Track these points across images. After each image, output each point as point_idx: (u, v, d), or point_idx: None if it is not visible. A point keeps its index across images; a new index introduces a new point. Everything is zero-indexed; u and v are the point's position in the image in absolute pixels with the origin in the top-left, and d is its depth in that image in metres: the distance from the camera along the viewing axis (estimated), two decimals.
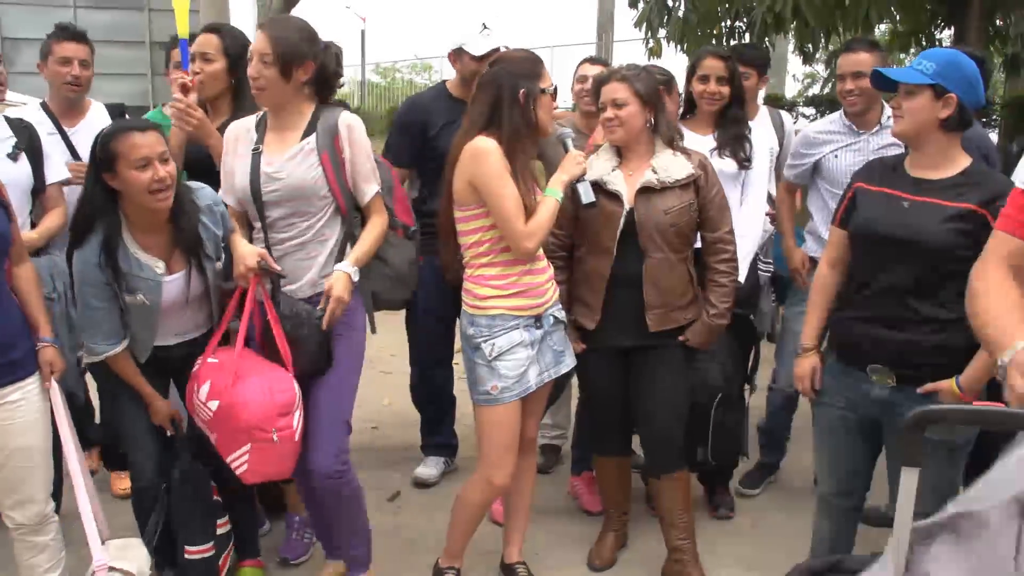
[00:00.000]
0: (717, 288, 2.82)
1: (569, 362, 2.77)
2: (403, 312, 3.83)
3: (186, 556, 2.71)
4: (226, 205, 2.64)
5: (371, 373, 5.38)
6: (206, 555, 2.72)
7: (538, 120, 2.56)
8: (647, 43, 7.42)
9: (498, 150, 2.48)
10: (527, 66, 2.57)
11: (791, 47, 9.31)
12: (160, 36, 12.34)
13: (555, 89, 2.63)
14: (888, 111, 3.37)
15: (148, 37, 12.68)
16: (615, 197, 2.73)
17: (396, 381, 5.07)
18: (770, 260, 3.61)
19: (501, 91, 2.52)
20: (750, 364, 3.34)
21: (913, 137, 2.31)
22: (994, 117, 9.01)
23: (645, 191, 2.74)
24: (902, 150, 3.26)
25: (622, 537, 3.17)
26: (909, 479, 1.18)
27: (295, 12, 12.32)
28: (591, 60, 3.81)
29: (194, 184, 2.63)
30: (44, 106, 3.40)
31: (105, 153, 2.36)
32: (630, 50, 12.55)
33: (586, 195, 2.60)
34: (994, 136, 8.74)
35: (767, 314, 3.60)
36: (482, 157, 2.48)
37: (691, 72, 3.33)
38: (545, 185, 2.67)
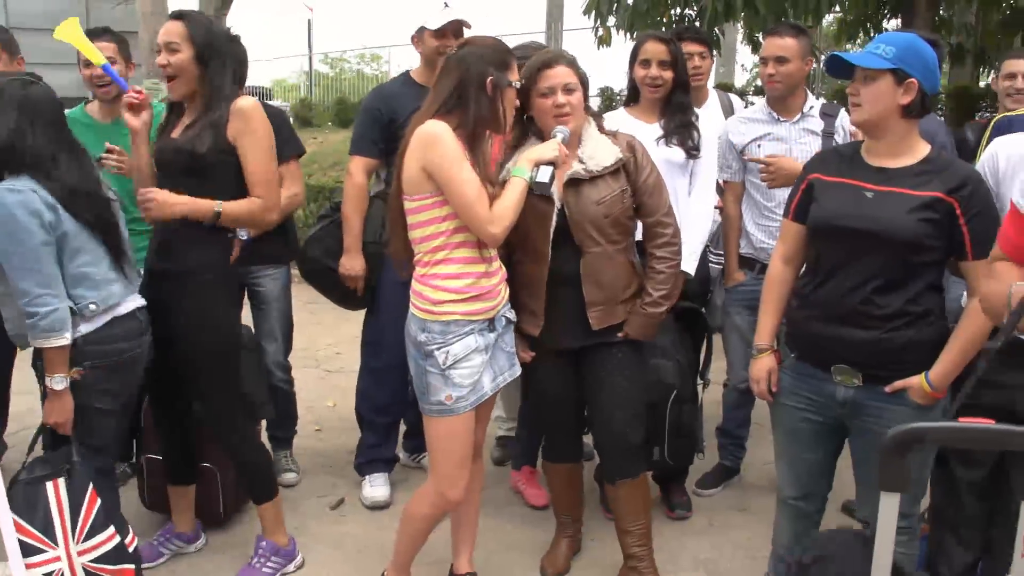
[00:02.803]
0: (654, 275, 2.67)
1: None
2: (345, 310, 3.68)
3: None
4: None
5: (316, 372, 5.24)
6: None
7: (504, 114, 2.40)
8: (596, 32, 7.31)
9: (450, 132, 2.31)
10: (498, 55, 2.40)
11: (740, 37, 9.28)
12: (98, 24, 11.94)
13: (521, 84, 2.48)
14: (811, 100, 3.30)
15: (85, 26, 12.26)
16: (544, 196, 2.55)
17: (342, 382, 4.91)
18: (720, 251, 3.52)
19: (468, 75, 2.35)
20: (702, 359, 3.23)
21: (873, 125, 2.20)
22: (939, 106, 9.09)
23: (573, 183, 2.59)
24: (820, 137, 3.21)
25: (576, 543, 3.05)
26: (889, 505, 1.05)
27: (238, 1, 11.96)
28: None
29: None
30: None
31: None
32: (580, 39, 12.44)
33: (541, 176, 2.42)
34: None
35: (719, 307, 3.51)
36: (434, 141, 2.30)
37: (633, 57, 3.19)
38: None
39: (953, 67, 8.87)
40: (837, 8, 7.64)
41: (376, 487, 3.50)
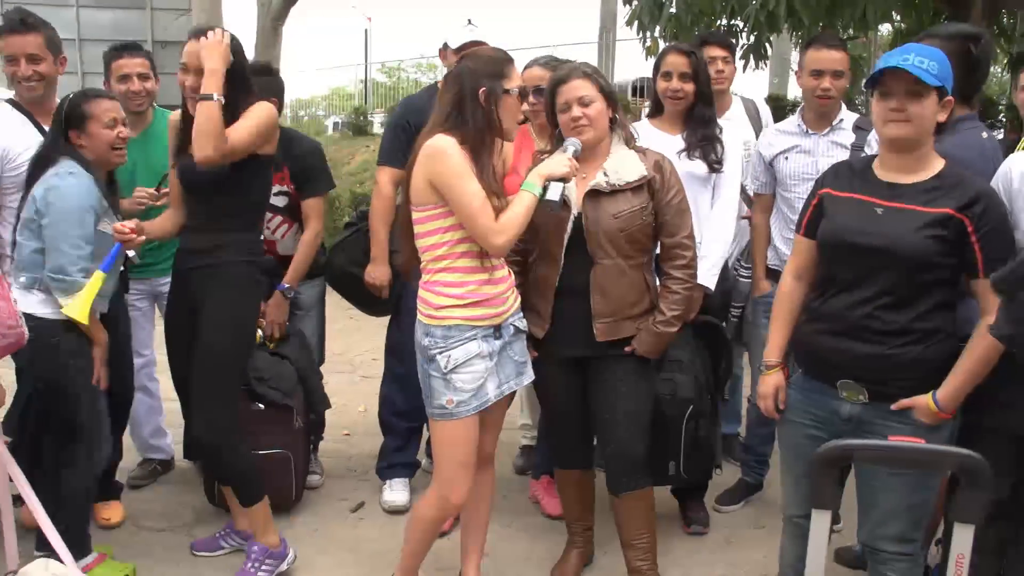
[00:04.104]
0: (669, 295, 2.69)
1: (531, 373, 2.65)
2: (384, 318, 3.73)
3: None
4: None
5: (351, 377, 5.31)
6: None
7: (500, 121, 2.44)
8: (643, 42, 7.29)
9: (456, 146, 2.36)
10: (491, 64, 2.45)
11: (795, 45, 9.15)
12: (162, 35, 12.37)
13: (522, 91, 2.50)
14: (843, 113, 3.23)
15: (150, 36, 12.68)
16: (563, 202, 2.57)
17: (375, 388, 4.91)
18: (750, 265, 3.47)
19: (463, 90, 2.41)
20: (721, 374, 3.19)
21: (914, 142, 2.12)
22: (1000, 118, 8.83)
23: (594, 194, 2.62)
24: (848, 150, 3.14)
25: (586, 554, 3.04)
26: (820, 523, 1.04)
27: (296, 11, 12.23)
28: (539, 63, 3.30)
29: None
30: (16, 104, 3.14)
31: (76, 112, 2.73)
32: (632, 49, 12.41)
33: (552, 193, 2.44)
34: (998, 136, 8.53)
35: (753, 322, 3.46)
36: (439, 155, 2.35)
37: (656, 69, 3.19)
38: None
39: (1014, 76, 8.61)
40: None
41: (396, 492, 3.54)
